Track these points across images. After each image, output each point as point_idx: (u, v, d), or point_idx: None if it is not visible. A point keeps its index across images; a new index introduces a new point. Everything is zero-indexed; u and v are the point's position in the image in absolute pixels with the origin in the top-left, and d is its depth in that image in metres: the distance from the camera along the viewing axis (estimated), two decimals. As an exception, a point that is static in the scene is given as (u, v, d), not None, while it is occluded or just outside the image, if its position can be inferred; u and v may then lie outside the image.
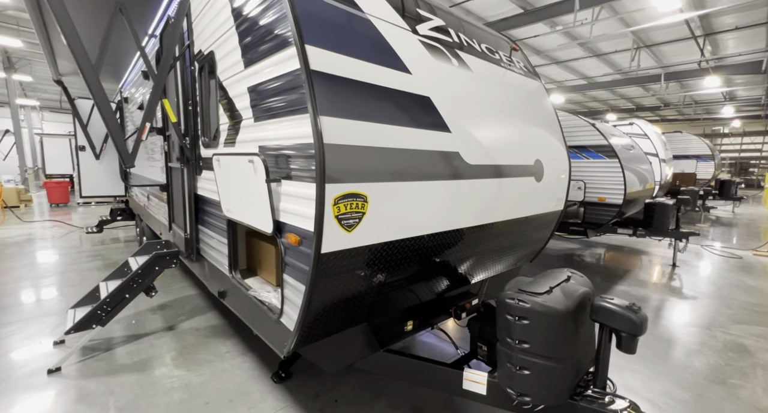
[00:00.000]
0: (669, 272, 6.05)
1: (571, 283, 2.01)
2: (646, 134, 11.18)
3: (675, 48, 12.97)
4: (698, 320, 4.15)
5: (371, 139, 1.57)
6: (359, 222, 1.54)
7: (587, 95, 21.89)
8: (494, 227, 2.45)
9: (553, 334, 1.74)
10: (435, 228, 1.96)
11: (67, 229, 8.29)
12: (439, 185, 1.93)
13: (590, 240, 8.44)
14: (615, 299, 1.78)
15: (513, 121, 2.62)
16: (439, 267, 2.26)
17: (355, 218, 1.52)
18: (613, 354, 3.27)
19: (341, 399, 2.59)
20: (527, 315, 1.75)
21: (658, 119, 28.78)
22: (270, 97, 1.65)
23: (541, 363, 1.74)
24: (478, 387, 2.01)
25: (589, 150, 6.16)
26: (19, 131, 16.82)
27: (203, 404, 2.46)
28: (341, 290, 1.66)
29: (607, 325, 1.75)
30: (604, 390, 1.82)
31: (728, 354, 3.37)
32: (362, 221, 1.55)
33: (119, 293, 3.01)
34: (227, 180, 1.97)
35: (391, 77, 1.73)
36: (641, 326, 1.65)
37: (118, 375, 2.79)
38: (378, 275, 1.80)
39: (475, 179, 2.15)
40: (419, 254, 1.97)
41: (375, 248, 1.67)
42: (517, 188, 2.55)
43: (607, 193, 5.97)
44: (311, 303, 1.52)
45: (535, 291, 1.83)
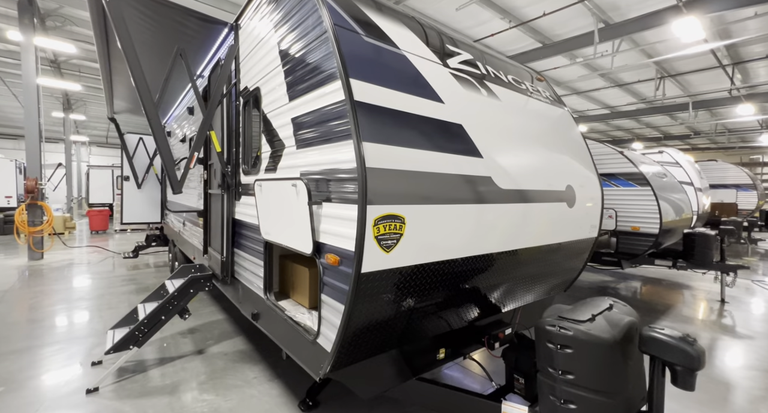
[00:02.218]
0: (718, 308, 5.61)
1: (614, 312, 1.92)
2: (677, 162, 10.85)
3: (702, 77, 12.83)
4: (759, 362, 3.78)
5: (408, 163, 1.64)
6: (397, 243, 1.58)
7: (611, 124, 21.67)
8: (526, 253, 2.41)
9: (599, 365, 1.65)
10: (468, 252, 1.96)
11: (105, 254, 8.73)
12: (472, 209, 1.95)
13: (625, 272, 8.01)
14: (666, 329, 1.68)
15: (542, 147, 2.65)
16: (471, 293, 2.22)
17: (393, 239, 1.56)
18: (665, 396, 3.02)
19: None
20: (570, 344, 1.68)
21: (689, 148, 27.88)
22: (313, 126, 1.78)
23: (588, 397, 1.64)
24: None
25: (619, 178, 6.03)
26: (70, 165, 18.33)
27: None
28: (378, 312, 1.67)
29: (660, 358, 1.65)
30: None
31: (798, 400, 3.03)
32: (400, 242, 1.59)
33: (156, 315, 3.11)
34: (268, 204, 2.08)
35: (425, 106, 1.83)
36: (699, 359, 1.54)
37: (151, 397, 2.82)
38: (413, 297, 1.80)
39: (507, 203, 2.17)
40: (452, 278, 1.96)
41: (412, 269, 1.69)
42: (550, 213, 2.53)
43: (641, 222, 5.75)
44: (350, 324, 1.54)
45: (577, 318, 1.77)
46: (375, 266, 1.51)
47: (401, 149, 1.62)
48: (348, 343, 1.61)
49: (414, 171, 1.66)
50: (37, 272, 6.90)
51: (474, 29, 9.34)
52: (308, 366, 1.85)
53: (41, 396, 2.78)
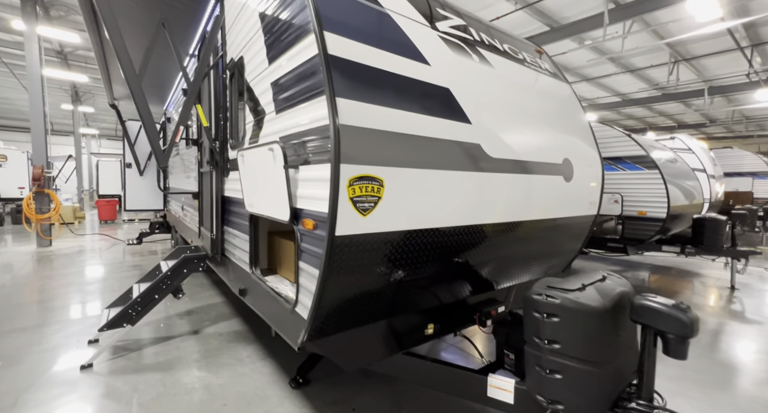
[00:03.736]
0: (727, 295, 5.45)
1: (607, 282, 1.84)
2: (690, 148, 10.52)
3: (718, 61, 12.34)
4: (766, 346, 3.65)
5: (388, 124, 1.57)
6: (375, 206, 1.52)
7: (622, 113, 21.10)
8: (520, 227, 2.33)
9: (586, 333, 1.58)
10: (455, 221, 1.89)
11: (112, 242, 8.86)
12: (459, 176, 1.87)
13: (633, 261, 7.83)
14: (658, 297, 1.60)
15: (538, 118, 2.55)
16: (460, 267, 2.16)
17: (370, 202, 1.50)
18: (661, 378, 2.93)
19: (360, 407, 2.47)
20: (557, 312, 1.61)
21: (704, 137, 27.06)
22: (290, 87, 1.72)
23: (575, 366, 1.57)
24: (504, 394, 1.84)
25: (626, 161, 5.85)
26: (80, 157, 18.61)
27: (221, 405, 2.43)
28: (356, 279, 1.61)
29: (651, 327, 1.56)
30: (651, 402, 1.61)
31: (807, 383, 2.91)
32: (378, 205, 1.53)
33: (149, 294, 3.12)
34: (249, 174, 2.03)
35: (409, 67, 1.75)
36: (692, 326, 1.46)
37: (144, 373, 2.83)
38: (395, 267, 1.74)
39: (497, 172, 2.08)
40: (438, 249, 1.90)
41: (392, 236, 1.62)
42: (545, 186, 2.44)
43: (648, 206, 5.58)
44: (325, 289, 1.49)
45: (566, 288, 1.69)
46: (350, 229, 1.45)
47: (380, 109, 1.55)
48: (325, 310, 1.57)
49: (394, 132, 1.59)
50: (44, 258, 7.04)
51: (480, 12, 9.10)
52: (288, 337, 1.81)
53: (37, 371, 2.82)
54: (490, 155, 2.05)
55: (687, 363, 3.20)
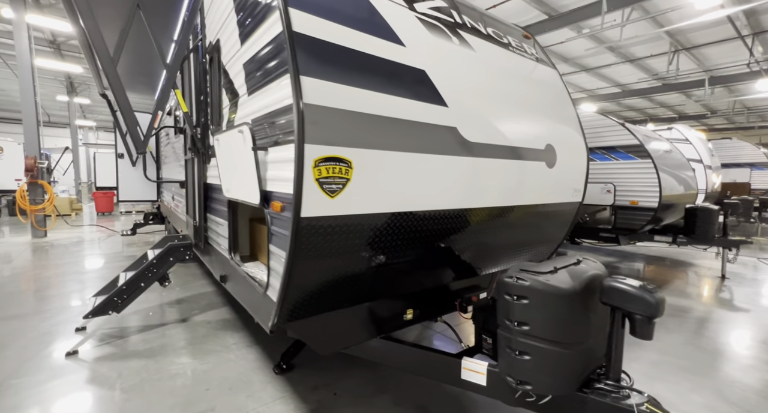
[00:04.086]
0: (717, 283, 5.47)
1: (581, 266, 1.84)
2: (687, 138, 10.46)
3: (719, 50, 12.18)
4: (753, 333, 3.67)
5: (357, 104, 1.55)
6: (343, 188, 1.51)
7: (622, 104, 20.93)
8: (500, 213, 2.32)
9: (555, 315, 1.58)
10: (430, 206, 1.88)
11: (107, 233, 8.88)
12: (434, 160, 1.86)
13: (629, 252, 7.85)
14: (627, 279, 1.60)
15: (520, 103, 2.52)
16: (439, 252, 2.16)
17: (338, 184, 1.49)
18: (642, 363, 2.96)
19: (343, 392, 2.49)
20: (526, 294, 1.61)
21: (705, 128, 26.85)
22: (260, 67, 1.70)
23: (543, 347, 1.58)
24: (477, 377, 1.85)
25: (619, 151, 5.81)
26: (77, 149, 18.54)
27: (204, 390, 2.45)
28: (326, 262, 1.61)
29: (619, 308, 1.57)
30: (619, 382, 1.62)
31: (787, 368, 2.93)
32: (346, 187, 1.52)
33: (134, 282, 3.13)
34: (225, 159, 2.02)
35: (382, 47, 1.72)
36: (657, 307, 1.46)
37: (129, 360, 2.86)
38: (369, 250, 1.74)
39: (475, 157, 2.07)
40: (414, 234, 1.89)
41: (363, 219, 1.62)
42: (526, 172, 2.42)
43: (639, 196, 5.57)
44: (293, 271, 1.49)
45: (538, 271, 1.69)
46: (317, 211, 1.45)
47: (349, 89, 1.53)
48: (295, 293, 1.57)
49: (364, 113, 1.57)
50: (39, 248, 7.06)
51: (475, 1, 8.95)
52: (262, 320, 1.82)
53: (22, 357, 2.84)
54: (467, 139, 2.03)
55: (670, 349, 3.22)
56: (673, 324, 3.82)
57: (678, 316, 4.03)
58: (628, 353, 3.15)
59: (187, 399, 2.33)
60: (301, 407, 2.31)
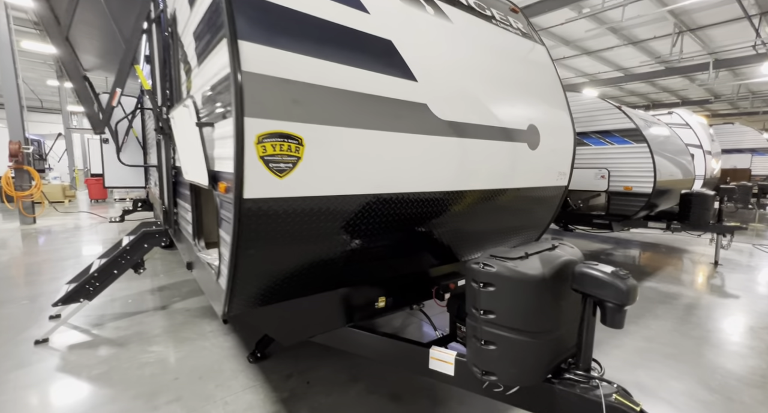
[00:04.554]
0: (710, 270, 5.40)
1: (555, 252, 1.74)
2: (687, 123, 10.24)
3: (725, 31, 11.79)
4: (740, 319, 3.62)
5: (309, 75, 1.41)
6: (293, 168, 1.39)
7: (624, 89, 20.52)
8: (477, 197, 2.20)
9: (522, 303, 1.49)
10: (397, 188, 1.77)
11: (97, 220, 8.81)
12: (401, 139, 1.73)
13: (623, 239, 7.77)
14: (599, 264, 1.50)
15: (502, 80, 2.37)
16: (409, 238, 2.05)
17: (287, 163, 1.37)
18: (626, 351, 2.90)
19: (317, 380, 2.44)
20: (493, 281, 1.51)
21: (708, 114, 26.40)
22: (205, 33, 1.56)
23: (509, 336, 1.49)
24: (445, 366, 1.78)
25: (614, 135, 5.65)
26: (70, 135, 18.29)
27: (172, 379, 2.40)
28: (280, 248, 1.51)
29: (589, 295, 1.47)
30: (589, 372, 1.54)
31: (772, 356, 2.88)
32: (297, 166, 1.40)
33: (107, 269, 3.05)
34: (180, 137, 1.89)
35: (341, 12, 1.57)
36: (628, 294, 1.36)
37: (100, 348, 2.80)
38: (328, 235, 1.64)
39: (447, 136, 1.94)
40: (380, 218, 1.78)
41: (318, 201, 1.51)
42: (505, 153, 2.29)
43: (633, 181, 5.44)
44: (239, 258, 1.39)
45: (507, 256, 1.59)
46: (263, 192, 1.33)
47: (300, 58, 1.39)
48: (245, 281, 1.48)
49: (318, 85, 1.44)
50: (26, 235, 6.99)
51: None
52: (217, 308, 1.73)
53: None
54: (438, 116, 1.90)
55: (656, 336, 3.17)
56: (662, 310, 3.76)
57: (667, 303, 3.97)
58: (612, 340, 3.11)
59: (153, 389, 2.28)
60: (272, 396, 2.25)
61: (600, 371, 1.62)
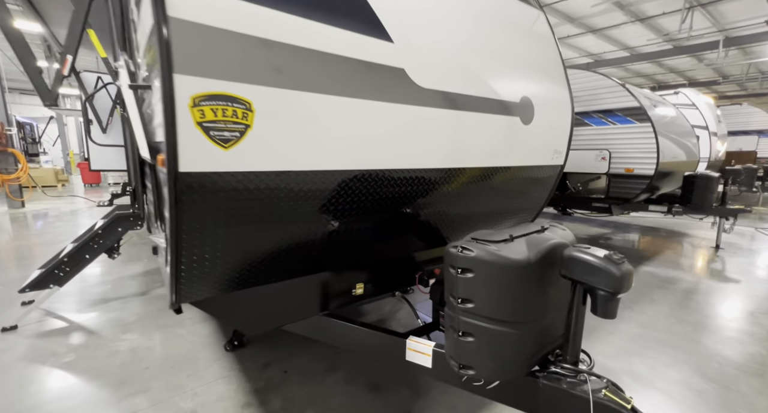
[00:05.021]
0: (710, 254, 5.25)
1: (544, 234, 1.57)
2: (694, 103, 9.90)
3: (737, 5, 11.23)
4: (740, 304, 3.49)
5: (260, 27, 1.21)
6: (241, 137, 1.21)
7: (630, 70, 19.92)
8: (462, 175, 2.02)
9: (503, 291, 1.33)
10: (369, 163, 1.59)
11: (88, 204, 8.66)
12: (374, 107, 1.54)
13: (624, 223, 7.61)
14: (591, 248, 1.33)
15: (492, 48, 2.14)
16: (389, 219, 1.88)
17: (233, 131, 1.18)
18: (620, 337, 2.78)
19: (295, 370, 2.33)
20: (471, 267, 1.35)
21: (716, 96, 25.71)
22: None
23: (488, 327, 1.34)
24: (422, 358, 1.65)
25: (617, 114, 5.39)
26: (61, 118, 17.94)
27: (142, 369, 2.28)
28: (234, 230, 1.34)
29: (579, 281, 1.32)
30: (577, 365, 1.40)
31: (773, 343, 2.76)
32: (247, 136, 1.21)
33: (78, 253, 2.90)
34: (130, 109, 1.70)
35: (298, -40, 1.35)
36: (622, 281, 1.20)
37: (71, 335, 2.69)
38: (290, 216, 1.47)
39: (428, 107, 1.74)
40: (351, 197, 1.61)
41: (276, 178, 1.33)
42: (495, 128, 2.10)
43: (635, 163, 5.22)
44: (179, 240, 1.23)
45: (489, 239, 1.42)
46: (204, 165, 1.16)
47: (247, 5, 1.18)
48: (191, 265, 1.32)
49: (270, 41, 1.23)
50: (13, 218, 6.86)
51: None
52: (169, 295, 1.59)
53: (-40, 331, 2.67)
54: (418, 84, 1.69)
55: (652, 322, 3.04)
56: (659, 295, 3.64)
57: (664, 288, 3.84)
58: (607, 325, 2.99)
59: (120, 379, 2.16)
60: (245, 386, 2.14)
61: (589, 363, 1.48)
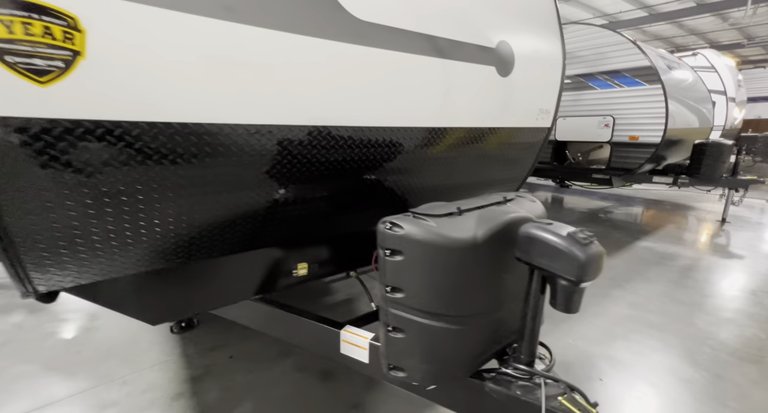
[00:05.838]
0: (715, 228, 4.93)
1: (505, 207, 1.27)
2: (713, 66, 9.16)
3: (769, -45, 10.15)
4: (741, 282, 3.22)
5: None
6: (69, 69, 0.88)
7: (647, 33, 18.55)
8: (422, 136, 1.69)
9: (439, 277, 1.06)
10: (289, 117, 1.27)
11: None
12: (289, 42, 1.20)
13: (629, 196, 7.23)
14: (554, 224, 1.04)
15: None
16: (323, 187, 1.59)
17: (50, 59, 0.85)
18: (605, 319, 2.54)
19: (242, 355, 2.14)
20: (401, 247, 1.07)
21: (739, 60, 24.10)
22: None
23: (421, 322, 1.08)
24: (358, 352, 1.41)
25: (624, 75, 4.89)
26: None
27: (74, 353, 2.10)
28: (84, 193, 1.04)
29: (534, 265, 1.03)
30: (532, 366, 1.15)
31: (776, 326, 2.50)
32: (76, 67, 0.88)
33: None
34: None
35: None
36: (586, 266, 0.92)
37: (10, 315, 2.51)
38: (180, 180, 1.17)
39: (369, 46, 1.39)
40: (255, 158, 1.30)
41: (123, 130, 1.00)
42: (461, 78, 1.74)
43: (641, 130, 4.79)
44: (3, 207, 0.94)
45: (431, 213, 1.13)
46: (9, 108, 0.85)
47: None
48: (36, 246, 1.05)
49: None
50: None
51: None
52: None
53: None
54: (355, 15, 1.33)
55: (643, 302, 2.79)
56: (655, 273, 3.37)
57: (662, 264, 3.57)
58: (593, 306, 2.74)
59: (47, 364, 1.99)
60: (182, 374, 1.95)
61: (549, 362, 1.23)
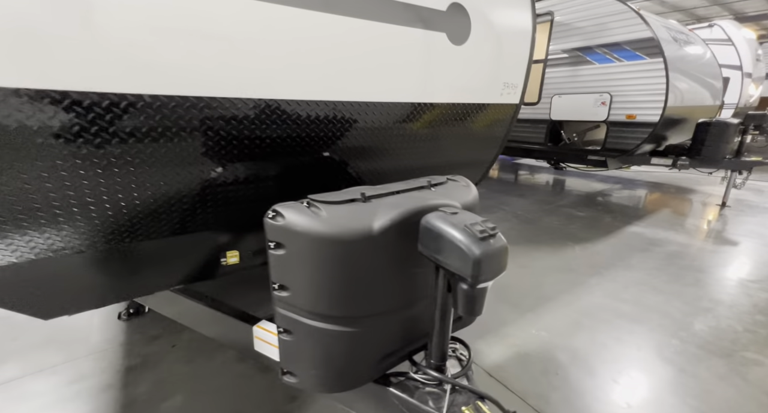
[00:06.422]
0: (713, 212, 4.70)
1: (423, 193, 1.11)
2: (730, 39, 8.57)
3: None
4: (730, 270, 3.04)
5: None
6: None
7: (666, 4, 17.45)
8: (359, 113, 1.52)
9: (323, 274, 0.92)
10: (234, 90, 1.10)
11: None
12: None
13: (629, 178, 6.95)
14: (460, 213, 0.88)
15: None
16: (257, 166, 1.43)
17: None
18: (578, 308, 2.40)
19: (185, 344, 2.06)
20: (283, 240, 0.92)
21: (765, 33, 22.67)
22: None
23: (307, 323, 0.95)
24: (270, 349, 1.29)
25: (624, 48, 4.55)
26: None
27: (10, 340, 2.04)
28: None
29: (432, 260, 0.88)
30: (442, 369, 1.02)
31: (755, 317, 2.35)
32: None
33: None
34: None
35: None
36: (480, 264, 0.77)
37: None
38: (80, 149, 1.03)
39: (282, 4, 1.20)
40: (156, 127, 1.15)
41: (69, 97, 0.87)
42: (403, 46, 1.54)
43: (639, 108, 4.49)
44: None
45: (328, 200, 0.97)
46: None
47: None
48: None
49: None
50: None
51: None
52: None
53: None
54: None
55: (619, 291, 2.65)
56: (638, 259, 3.20)
57: (648, 251, 3.39)
58: (565, 295, 2.61)
59: (-22, 353, 1.93)
60: (117, 364, 1.88)
61: (465, 362, 1.09)
